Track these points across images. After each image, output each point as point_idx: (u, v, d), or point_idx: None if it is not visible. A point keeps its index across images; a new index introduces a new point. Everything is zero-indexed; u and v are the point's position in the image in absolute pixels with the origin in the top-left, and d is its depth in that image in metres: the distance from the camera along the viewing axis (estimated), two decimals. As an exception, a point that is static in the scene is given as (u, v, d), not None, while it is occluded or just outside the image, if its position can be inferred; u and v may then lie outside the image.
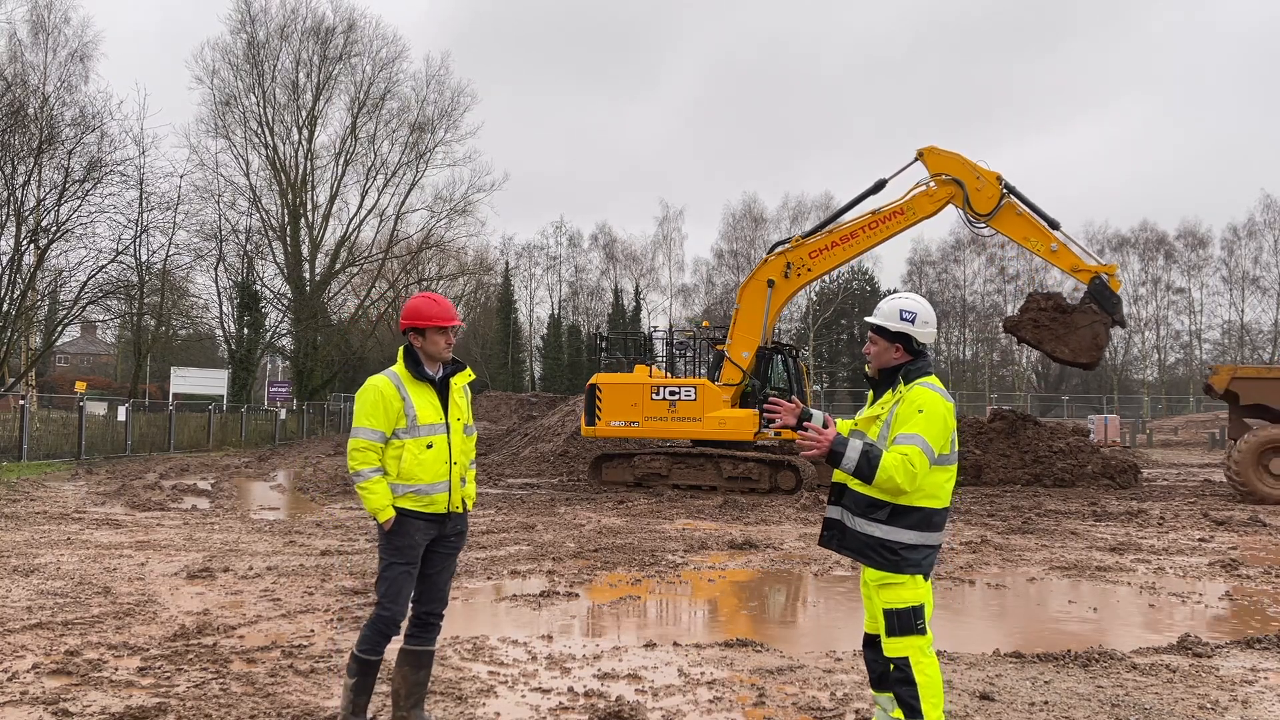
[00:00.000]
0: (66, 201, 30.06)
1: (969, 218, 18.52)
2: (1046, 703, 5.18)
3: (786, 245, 19.61)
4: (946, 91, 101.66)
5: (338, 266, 46.65)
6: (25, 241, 29.85)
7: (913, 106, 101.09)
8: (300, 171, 45.07)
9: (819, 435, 4.04)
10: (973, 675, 5.69)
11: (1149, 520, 14.31)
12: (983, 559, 10.48)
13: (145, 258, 34.27)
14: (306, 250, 45.42)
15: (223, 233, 41.25)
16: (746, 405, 18.89)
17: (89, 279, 31.63)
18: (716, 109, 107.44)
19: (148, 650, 6.05)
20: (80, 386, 31.60)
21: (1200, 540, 12.22)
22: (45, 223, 30.50)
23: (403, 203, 47.31)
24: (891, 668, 4.07)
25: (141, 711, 4.81)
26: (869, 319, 4.32)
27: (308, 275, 45.05)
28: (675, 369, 21.12)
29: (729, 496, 16.88)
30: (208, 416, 31.72)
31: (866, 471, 3.95)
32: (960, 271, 67.23)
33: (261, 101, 43.91)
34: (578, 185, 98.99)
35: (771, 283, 19.12)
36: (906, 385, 4.15)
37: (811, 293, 59.73)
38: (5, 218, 29.02)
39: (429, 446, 4.47)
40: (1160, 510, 15.59)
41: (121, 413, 26.28)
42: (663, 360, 21.25)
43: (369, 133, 46.28)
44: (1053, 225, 18.24)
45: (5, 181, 28.68)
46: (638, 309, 66.40)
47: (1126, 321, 22.03)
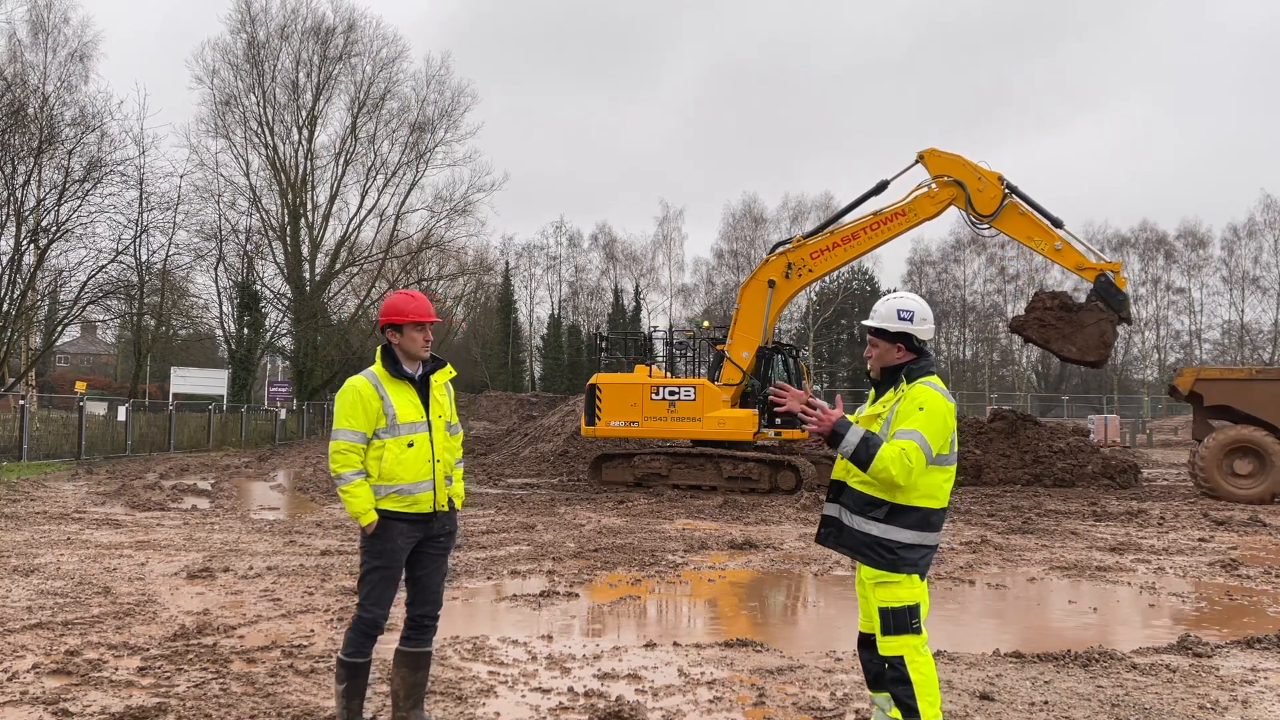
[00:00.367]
0: (66, 201, 30.11)
1: (972, 219, 18.52)
2: (1046, 703, 5.18)
3: (788, 245, 19.61)
4: (946, 92, 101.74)
5: (338, 266, 46.65)
6: (25, 241, 29.85)
7: (913, 106, 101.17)
8: (300, 171, 45.08)
9: (824, 412, 4.05)
10: (973, 675, 5.69)
11: (1149, 520, 14.31)
12: (983, 559, 10.48)
13: (145, 258, 34.33)
14: (306, 250, 45.42)
15: (223, 233, 41.30)
16: (746, 405, 18.90)
17: (89, 279, 31.68)
18: (716, 109, 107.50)
19: (148, 650, 6.05)
20: (80, 386, 31.61)
21: (1200, 540, 12.22)
22: (45, 223, 30.51)
23: (403, 203, 47.36)
24: (887, 667, 4.07)
25: (141, 711, 4.81)
26: (867, 322, 4.33)
27: (308, 275, 45.05)
28: (675, 369, 21.13)
29: (729, 496, 16.89)
30: (208, 416, 31.72)
31: (864, 457, 3.96)
32: (960, 271, 67.30)
33: (261, 101, 43.93)
34: (578, 185, 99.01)
35: (772, 283, 19.11)
36: (909, 384, 4.16)
37: (811, 293, 59.71)
38: (5, 218, 29.02)
39: (410, 445, 4.41)
40: (1160, 510, 15.60)
41: (121, 413, 26.28)
42: (663, 360, 21.26)
43: (369, 133, 46.31)
44: (1056, 224, 18.24)
45: (5, 181, 28.68)
46: (638, 309, 66.40)
47: (1134, 318, 22.06)
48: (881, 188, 18.89)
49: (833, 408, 4.17)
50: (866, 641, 4.30)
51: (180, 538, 11.32)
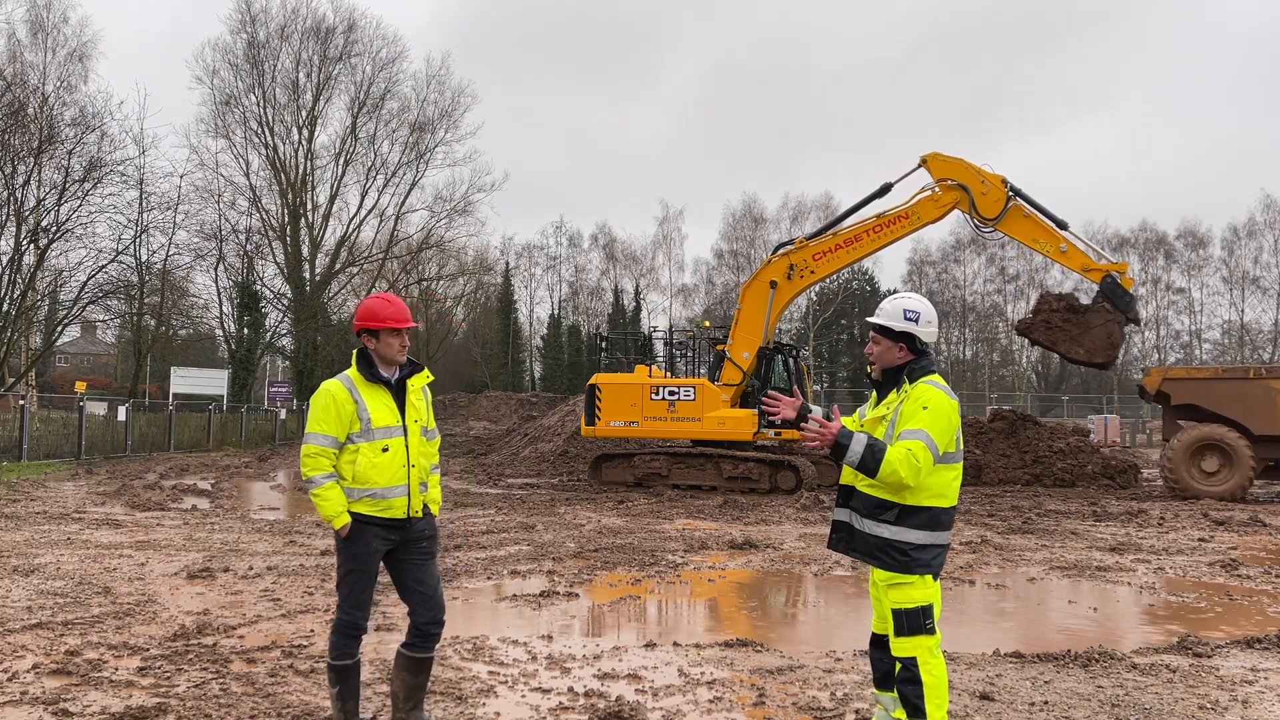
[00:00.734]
0: (66, 201, 30.12)
1: (976, 223, 18.51)
2: (1046, 703, 5.18)
3: (790, 247, 19.59)
4: (946, 92, 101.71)
5: (338, 266, 46.63)
6: (25, 241, 29.86)
7: (913, 107, 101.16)
8: (300, 171, 45.06)
9: (822, 428, 4.04)
10: (973, 675, 5.69)
11: (1149, 520, 14.31)
12: (983, 559, 10.48)
13: (145, 258, 34.33)
14: (306, 250, 45.40)
15: (223, 233, 41.28)
16: (746, 405, 18.90)
17: (89, 279, 31.69)
18: (716, 109, 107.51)
19: (148, 650, 6.05)
20: (80, 386, 31.61)
21: (1200, 540, 12.22)
22: (45, 223, 30.51)
23: (403, 203, 47.33)
24: (899, 667, 4.07)
25: (141, 711, 4.81)
26: (872, 319, 4.31)
27: (308, 275, 45.02)
28: (675, 369, 21.13)
29: (729, 496, 16.89)
30: (208, 416, 31.72)
31: (871, 464, 3.95)
32: (960, 271, 67.31)
33: (261, 101, 43.91)
34: (578, 185, 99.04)
35: (774, 284, 19.11)
36: (911, 384, 4.16)
37: (812, 293, 59.65)
38: (5, 218, 29.03)
39: (384, 450, 4.37)
40: (1160, 510, 15.59)
41: (121, 413, 26.29)
42: (663, 360, 21.27)
43: (369, 133, 46.29)
44: (1061, 226, 18.26)
45: (5, 181, 28.68)
46: (638, 309, 66.41)
47: (1141, 319, 22.06)
48: (885, 190, 18.87)
49: (830, 417, 4.15)
50: (878, 641, 4.30)
51: (180, 538, 11.33)
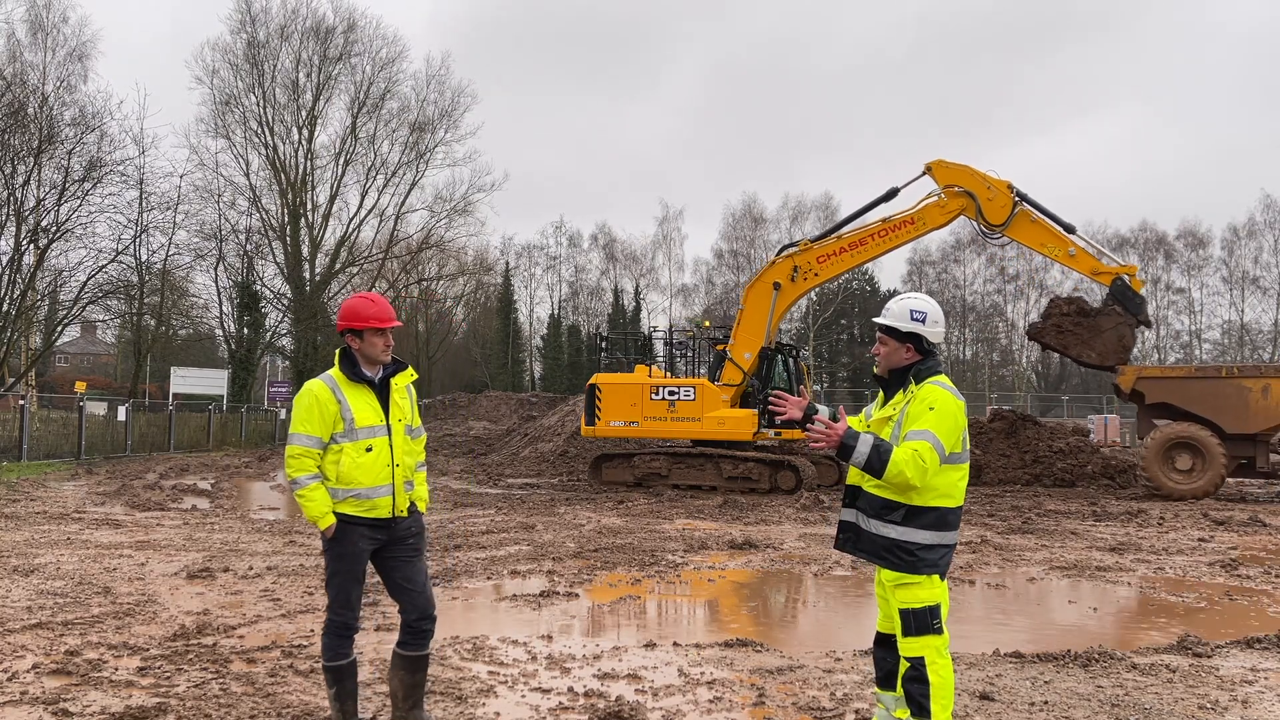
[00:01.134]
0: (66, 201, 30.14)
1: (983, 229, 18.51)
2: (1046, 703, 5.18)
3: (794, 249, 19.59)
4: (946, 92, 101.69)
5: (338, 266, 46.59)
6: (25, 241, 29.86)
7: (913, 107, 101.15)
8: (300, 171, 45.03)
9: (828, 429, 4.04)
10: (973, 675, 5.69)
11: (1149, 520, 14.32)
12: (983, 559, 10.48)
13: (145, 258, 34.36)
14: (306, 250, 45.36)
15: (223, 233, 41.25)
16: (746, 405, 18.91)
17: (89, 279, 31.70)
18: (716, 109, 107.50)
19: (148, 650, 6.05)
20: (80, 386, 31.62)
21: (1200, 540, 12.22)
22: (45, 223, 30.52)
23: (403, 203, 47.27)
24: (905, 666, 4.07)
25: (141, 711, 4.81)
26: (879, 319, 4.31)
27: (308, 275, 44.99)
28: (675, 369, 21.14)
29: (729, 496, 16.89)
30: (208, 416, 31.73)
31: (877, 465, 3.96)
32: (960, 271, 67.24)
33: (261, 101, 43.86)
34: (578, 185, 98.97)
35: (778, 285, 19.11)
36: (918, 384, 4.17)
37: (812, 293, 59.53)
38: (5, 218, 29.04)
39: (369, 450, 4.36)
40: (1160, 510, 15.60)
41: (121, 413, 26.30)
42: (663, 360, 21.27)
43: (369, 133, 46.22)
44: (1068, 230, 18.28)
45: (5, 181, 28.69)
46: (638, 309, 66.41)
47: (1151, 321, 22.07)
48: (891, 195, 18.88)
49: (836, 418, 4.16)
50: (884, 640, 4.31)
51: (180, 538, 11.32)
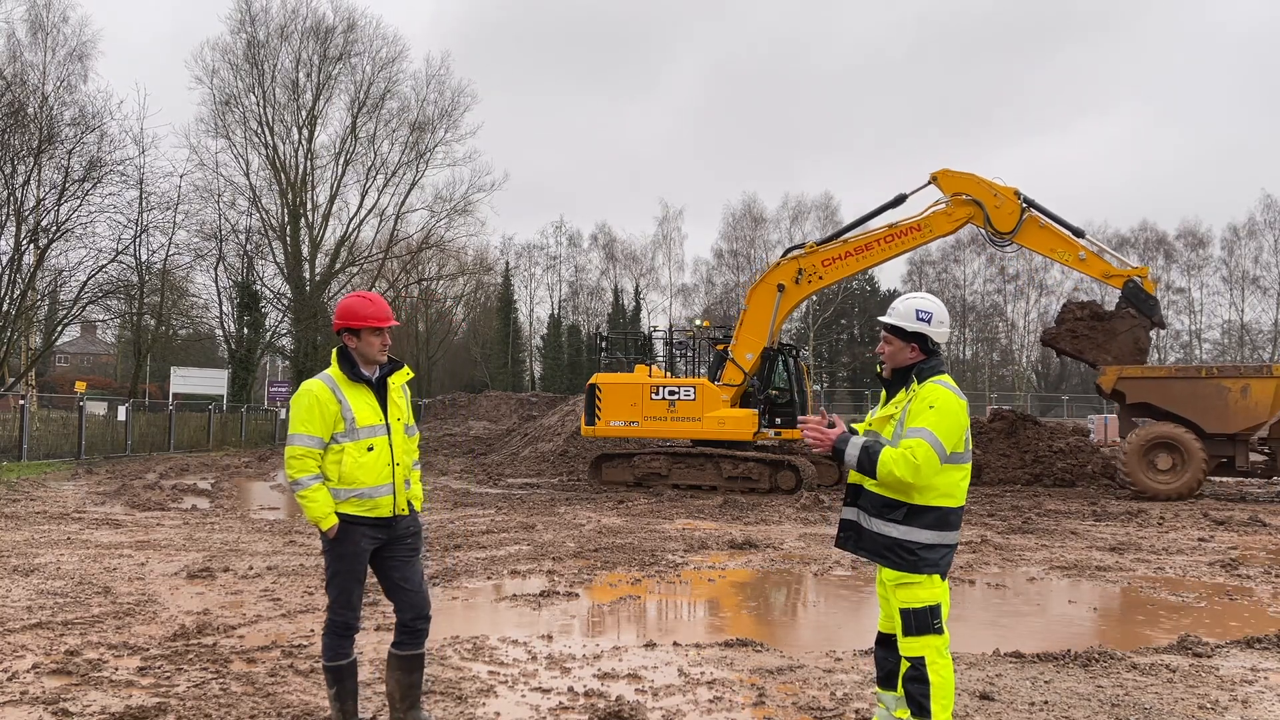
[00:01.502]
0: (66, 201, 30.13)
1: (991, 237, 18.48)
2: (1046, 703, 5.18)
3: (800, 251, 19.59)
4: (946, 93, 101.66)
5: (338, 266, 46.58)
6: (25, 241, 29.86)
7: (913, 107, 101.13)
8: (300, 171, 45.02)
9: (822, 432, 4.11)
10: (973, 675, 5.69)
11: (1149, 520, 14.32)
12: (983, 559, 10.48)
13: (145, 258, 34.33)
14: (306, 250, 45.36)
15: (223, 233, 41.26)
16: (747, 405, 18.90)
17: (89, 279, 31.70)
18: (716, 109, 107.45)
19: (148, 650, 6.05)
20: (80, 386, 31.63)
21: (1200, 540, 12.22)
22: (45, 223, 30.51)
23: (403, 203, 47.26)
24: (906, 665, 4.08)
25: (141, 711, 4.81)
26: (884, 318, 4.32)
27: (308, 275, 44.98)
28: (675, 369, 21.13)
29: (729, 496, 16.89)
30: (208, 416, 31.73)
31: (867, 466, 4.02)
32: (960, 271, 67.22)
33: (261, 101, 43.86)
34: (578, 185, 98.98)
35: (782, 287, 19.11)
36: (920, 383, 4.18)
37: (813, 294, 59.73)
38: (5, 218, 29.03)
39: (370, 449, 4.36)
40: (1160, 510, 15.59)
41: (121, 413, 26.30)
42: (663, 360, 21.27)
43: (369, 132, 46.20)
44: (1077, 234, 18.27)
45: (5, 181, 28.69)
46: (638, 309, 66.42)
47: (1166, 323, 22.05)
48: (899, 201, 18.88)
49: (831, 425, 4.21)
50: (885, 640, 4.31)
51: (180, 538, 11.32)
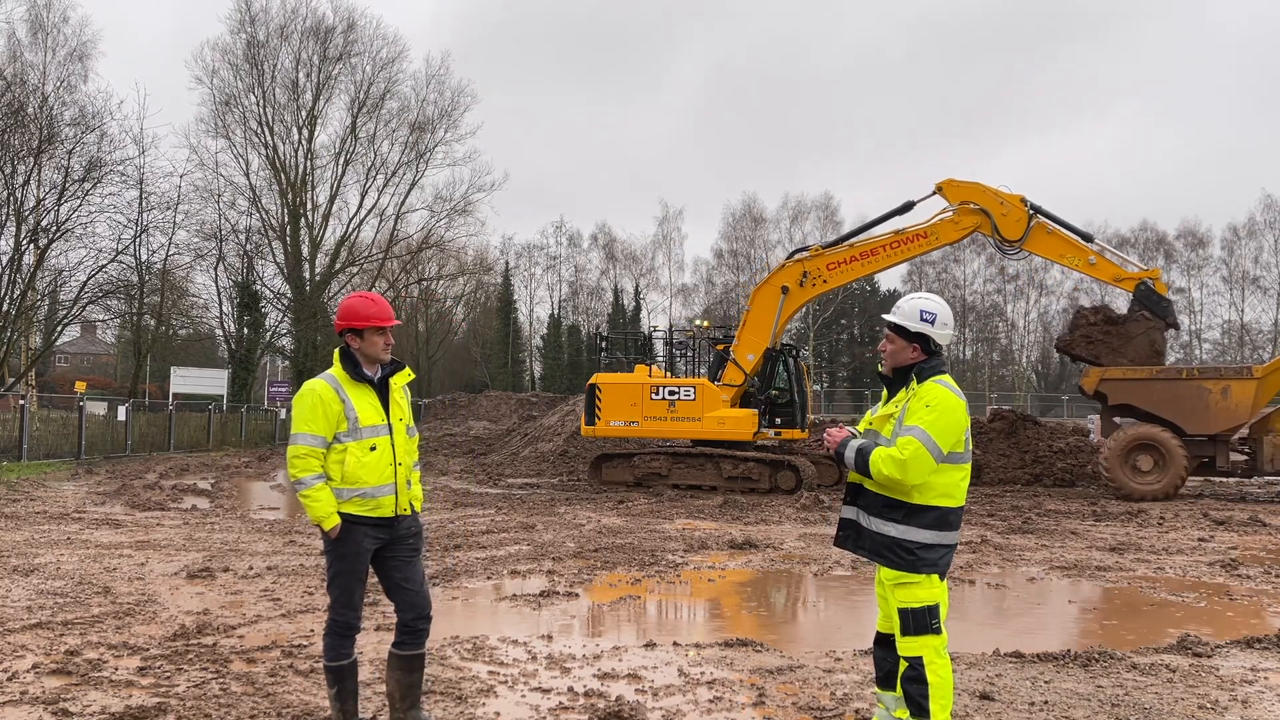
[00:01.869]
0: (66, 201, 30.12)
1: (999, 245, 18.46)
2: (1046, 703, 5.18)
3: (805, 254, 19.58)
4: (946, 93, 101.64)
5: (338, 266, 46.58)
6: (25, 241, 29.85)
7: (913, 108, 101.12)
8: (300, 171, 45.02)
9: (831, 435, 4.32)
10: (973, 675, 5.69)
11: (1149, 520, 14.31)
12: (983, 559, 10.48)
13: (145, 257, 34.32)
14: (306, 250, 45.36)
15: (223, 233, 41.25)
16: (747, 405, 18.90)
17: (89, 279, 31.69)
18: (716, 109, 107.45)
19: (148, 650, 6.05)
20: (80, 386, 31.64)
21: (1200, 540, 12.21)
22: (45, 223, 30.50)
23: (403, 203, 47.26)
24: (904, 666, 4.08)
25: (141, 711, 4.81)
26: (888, 317, 4.33)
27: (308, 275, 44.98)
28: (675, 369, 21.13)
29: (729, 496, 16.88)
30: (208, 416, 31.73)
31: (861, 467, 4.12)
32: (960, 271, 67.17)
33: (261, 101, 43.85)
34: (578, 185, 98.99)
35: (786, 289, 19.09)
36: (919, 383, 4.19)
37: (813, 294, 59.69)
38: (5, 218, 29.03)
39: (372, 449, 4.37)
40: (1160, 510, 15.59)
41: (121, 412, 26.29)
42: (663, 360, 21.26)
43: (369, 133, 46.20)
44: (1086, 238, 18.27)
45: (5, 181, 28.68)
46: (638, 309, 66.41)
47: (1180, 323, 22.01)
48: (907, 208, 18.89)
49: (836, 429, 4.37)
50: (883, 640, 4.31)
51: (180, 538, 11.32)
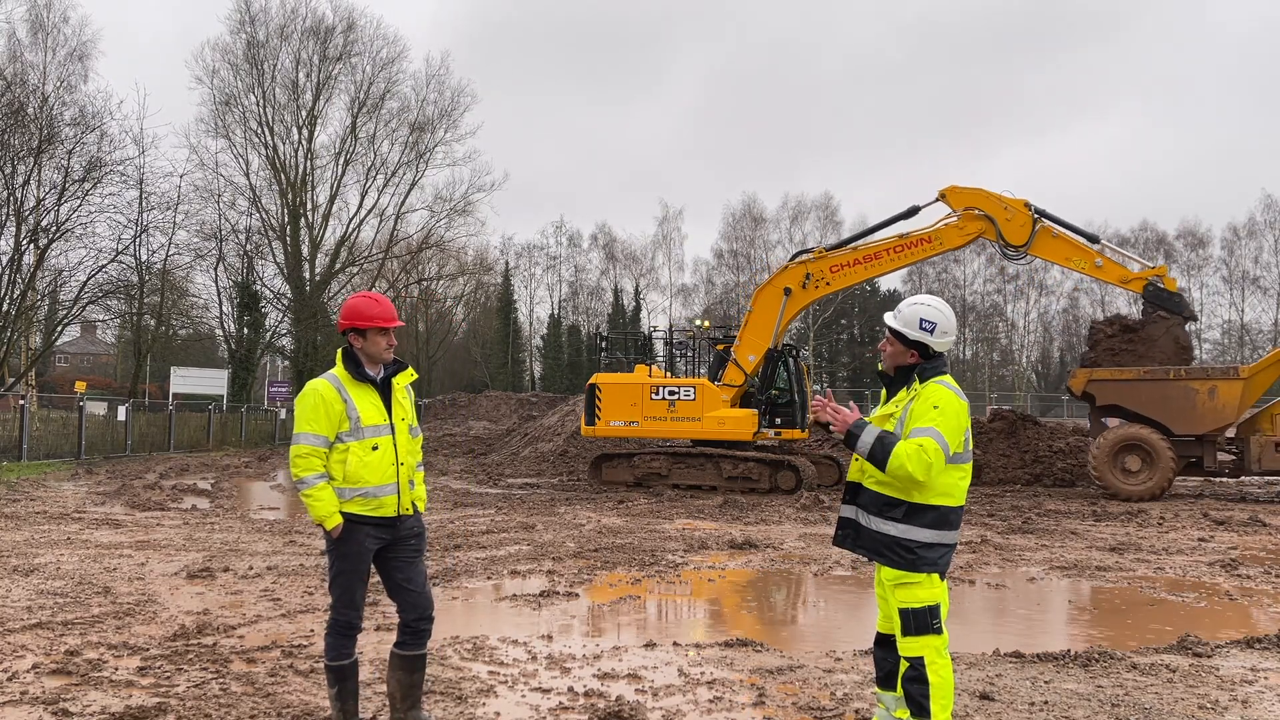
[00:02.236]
0: (66, 201, 30.10)
1: (1004, 250, 18.44)
2: (1046, 703, 5.18)
3: (808, 256, 19.57)
4: (946, 94, 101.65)
5: (338, 266, 46.56)
6: (25, 241, 29.84)
7: (913, 108, 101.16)
8: (300, 171, 45.00)
9: (841, 412, 4.12)
10: (973, 675, 5.69)
11: (1149, 520, 14.31)
12: (983, 559, 10.48)
13: (145, 258, 34.31)
14: (306, 250, 45.34)
15: (223, 233, 41.23)
16: (747, 405, 18.90)
17: (89, 279, 31.66)
18: (717, 109, 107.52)
19: (148, 650, 6.05)
20: (80, 386, 31.64)
21: (1200, 540, 12.21)
22: (45, 223, 30.49)
23: (403, 203, 47.24)
24: (905, 666, 4.08)
25: (141, 711, 4.81)
26: (888, 319, 4.30)
27: (308, 275, 44.97)
28: (675, 369, 21.13)
29: (729, 496, 16.88)
30: (208, 416, 31.72)
31: (880, 456, 3.99)
32: (960, 271, 67.15)
33: (261, 101, 43.84)
34: (578, 185, 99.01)
35: (788, 291, 19.09)
36: (922, 383, 4.18)
37: (813, 295, 59.69)
38: (5, 218, 29.02)
39: (374, 449, 4.37)
40: (1160, 510, 15.59)
41: (121, 413, 26.29)
42: (663, 360, 21.26)
43: (369, 133, 46.17)
44: (1091, 240, 18.27)
45: (5, 181, 28.67)
46: (638, 309, 66.41)
47: (1196, 315, 22.00)
48: (912, 213, 18.89)
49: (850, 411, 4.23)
50: (884, 640, 4.31)
51: (180, 538, 11.32)
